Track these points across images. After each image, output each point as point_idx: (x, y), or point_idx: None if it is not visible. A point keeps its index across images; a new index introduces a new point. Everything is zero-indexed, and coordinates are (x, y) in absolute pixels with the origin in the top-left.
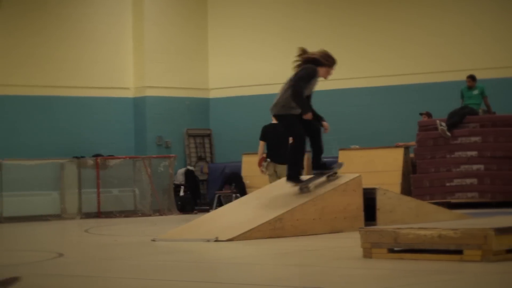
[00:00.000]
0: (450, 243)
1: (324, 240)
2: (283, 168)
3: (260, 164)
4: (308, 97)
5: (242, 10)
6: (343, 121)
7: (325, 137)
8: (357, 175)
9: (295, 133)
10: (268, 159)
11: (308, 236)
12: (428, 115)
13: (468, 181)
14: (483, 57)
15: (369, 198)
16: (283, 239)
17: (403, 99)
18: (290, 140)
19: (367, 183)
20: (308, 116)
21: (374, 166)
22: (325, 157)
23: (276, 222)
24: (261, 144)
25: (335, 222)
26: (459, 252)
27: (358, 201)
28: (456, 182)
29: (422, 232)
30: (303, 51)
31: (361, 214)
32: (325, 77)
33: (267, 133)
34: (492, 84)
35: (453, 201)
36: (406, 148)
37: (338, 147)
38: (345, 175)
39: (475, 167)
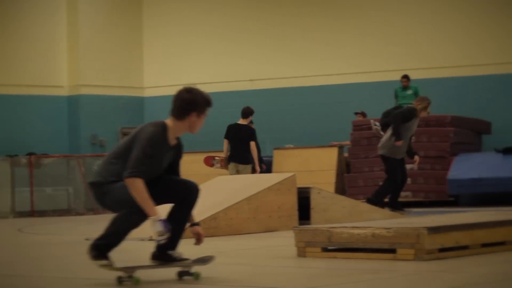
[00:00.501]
0: (383, 242)
1: (259, 239)
2: (244, 168)
3: (208, 162)
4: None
5: (178, 9)
6: (278, 120)
7: (259, 136)
8: (291, 174)
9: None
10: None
11: (243, 235)
12: (363, 114)
13: None
14: (416, 58)
15: (304, 197)
16: (218, 238)
17: (337, 99)
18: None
19: (302, 183)
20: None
21: (309, 166)
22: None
23: (210, 221)
24: (226, 142)
25: (269, 221)
26: (392, 251)
27: (292, 200)
28: None
29: (356, 231)
30: None
31: (295, 213)
32: None
33: (230, 132)
34: (426, 84)
35: (386, 200)
36: (341, 148)
37: (272, 146)
38: (280, 174)
39: (408, 166)
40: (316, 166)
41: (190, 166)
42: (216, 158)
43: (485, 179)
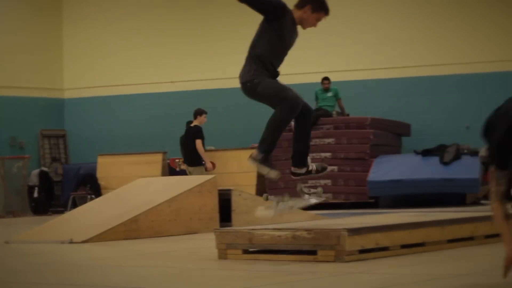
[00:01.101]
0: (304, 243)
1: (180, 241)
2: (193, 169)
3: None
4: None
5: (99, 10)
6: None
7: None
8: (212, 176)
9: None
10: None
11: (164, 237)
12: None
13: (322, 182)
14: (336, 60)
15: (225, 199)
16: (139, 240)
17: (252, 100)
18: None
19: (223, 184)
20: None
21: (230, 167)
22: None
23: (131, 223)
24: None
25: (190, 223)
26: (313, 252)
27: (213, 202)
28: (311, 183)
29: (277, 233)
30: None
31: (216, 215)
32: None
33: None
34: (346, 86)
35: None
36: None
37: None
38: (201, 176)
39: (329, 168)
40: (237, 168)
41: (112, 168)
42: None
43: (405, 181)
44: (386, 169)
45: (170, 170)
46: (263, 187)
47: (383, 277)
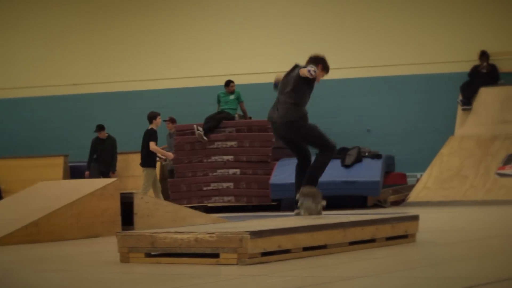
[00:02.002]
0: (206, 246)
1: (82, 245)
2: (144, 171)
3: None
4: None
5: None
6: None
7: (81, 142)
8: (114, 179)
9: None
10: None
11: (66, 241)
12: (172, 121)
13: (225, 185)
14: (240, 63)
15: (127, 203)
16: (40, 244)
17: (159, 104)
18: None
19: (125, 188)
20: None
21: (132, 171)
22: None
23: (32, 227)
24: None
25: (92, 227)
26: (215, 255)
27: (115, 206)
28: (213, 186)
29: (179, 236)
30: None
31: (118, 218)
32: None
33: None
34: (248, 89)
35: (210, 205)
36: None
37: None
38: (103, 180)
39: (231, 171)
40: (139, 171)
41: (12, 171)
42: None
43: None
44: (289, 172)
45: (72, 173)
46: (166, 191)
47: (285, 279)
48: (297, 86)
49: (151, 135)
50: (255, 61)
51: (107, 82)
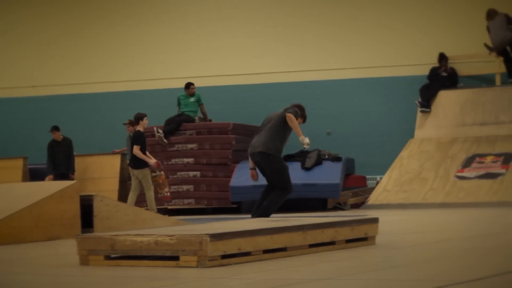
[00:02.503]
0: (166, 249)
1: (41, 247)
2: (138, 173)
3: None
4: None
5: None
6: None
7: (41, 144)
8: (74, 182)
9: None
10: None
11: (26, 243)
12: (132, 123)
13: (185, 187)
14: (200, 66)
15: (87, 205)
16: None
17: (118, 106)
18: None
19: (85, 190)
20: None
21: (91, 173)
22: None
23: None
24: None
25: (52, 230)
26: (175, 258)
27: (75, 208)
28: (173, 188)
29: (139, 238)
30: None
31: (78, 221)
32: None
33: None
34: (208, 92)
35: (170, 207)
36: (123, 155)
37: None
38: (62, 182)
39: (191, 173)
40: (99, 174)
41: None
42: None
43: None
44: (248, 175)
45: (31, 176)
46: (126, 193)
47: (245, 282)
48: (278, 125)
49: (137, 137)
50: (216, 64)
51: (65, 84)
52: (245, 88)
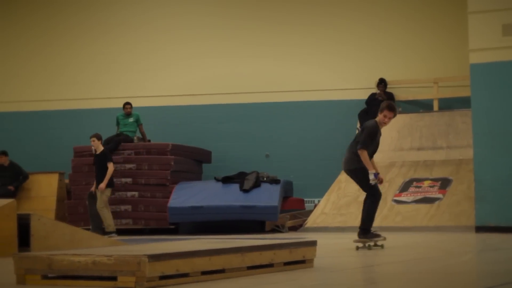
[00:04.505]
0: (104, 269)
1: None
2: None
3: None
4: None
5: None
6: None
7: None
8: (11, 200)
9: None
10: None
11: None
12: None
13: (123, 207)
14: (139, 85)
15: (24, 224)
16: None
17: (57, 124)
18: None
19: (22, 209)
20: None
21: (29, 192)
22: None
23: None
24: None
25: None
26: (113, 278)
27: (12, 227)
28: (111, 208)
29: (77, 258)
30: None
31: (15, 239)
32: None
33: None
34: (147, 112)
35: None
36: (61, 174)
37: None
38: None
39: (129, 194)
40: (36, 192)
41: None
42: None
43: (205, 207)
44: (187, 196)
45: None
46: (63, 212)
47: None
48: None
49: (105, 156)
50: (155, 84)
51: (3, 102)
52: (184, 109)
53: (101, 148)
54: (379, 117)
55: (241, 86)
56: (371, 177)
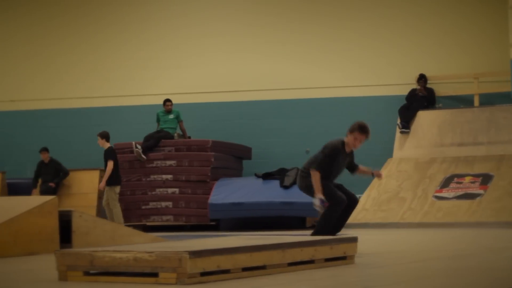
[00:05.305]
0: (145, 265)
1: (20, 262)
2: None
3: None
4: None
5: None
6: (40, 142)
7: (19, 159)
8: (52, 197)
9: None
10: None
11: (3, 258)
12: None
13: (164, 204)
14: (179, 82)
15: (65, 220)
16: None
17: (97, 122)
18: None
19: (63, 205)
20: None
21: (70, 188)
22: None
23: None
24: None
25: (30, 245)
26: (154, 275)
27: (53, 223)
28: (152, 205)
29: (118, 255)
30: None
31: (56, 236)
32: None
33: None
34: (187, 108)
35: (148, 224)
36: (102, 171)
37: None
38: (40, 197)
39: (170, 190)
40: (77, 189)
41: None
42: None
43: (245, 204)
44: (227, 192)
45: (9, 191)
46: (103, 209)
47: None
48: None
49: (107, 154)
50: (196, 81)
51: (45, 99)
52: (225, 105)
53: (106, 145)
54: (348, 138)
55: (281, 83)
56: (316, 202)
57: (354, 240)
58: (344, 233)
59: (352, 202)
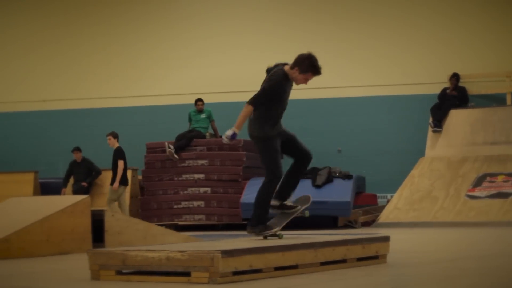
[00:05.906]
0: (177, 265)
1: (53, 262)
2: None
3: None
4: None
5: None
6: (73, 142)
7: (51, 158)
8: (85, 196)
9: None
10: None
11: (36, 257)
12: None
13: (196, 203)
14: (211, 81)
15: (98, 220)
16: (10, 261)
17: (129, 121)
18: None
19: (95, 205)
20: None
21: (102, 188)
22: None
23: (2, 243)
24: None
25: (63, 244)
26: (187, 274)
27: (86, 223)
28: (184, 204)
29: (150, 254)
30: None
31: (89, 235)
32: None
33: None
34: (219, 108)
35: (180, 223)
36: (134, 170)
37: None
38: (73, 196)
39: (202, 189)
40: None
41: None
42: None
43: None
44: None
45: (42, 190)
46: (136, 208)
47: None
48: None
49: (116, 154)
50: (228, 80)
51: (76, 98)
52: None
53: (116, 145)
54: (296, 75)
55: (312, 81)
56: (228, 133)
57: (386, 239)
58: (376, 232)
59: (305, 158)
